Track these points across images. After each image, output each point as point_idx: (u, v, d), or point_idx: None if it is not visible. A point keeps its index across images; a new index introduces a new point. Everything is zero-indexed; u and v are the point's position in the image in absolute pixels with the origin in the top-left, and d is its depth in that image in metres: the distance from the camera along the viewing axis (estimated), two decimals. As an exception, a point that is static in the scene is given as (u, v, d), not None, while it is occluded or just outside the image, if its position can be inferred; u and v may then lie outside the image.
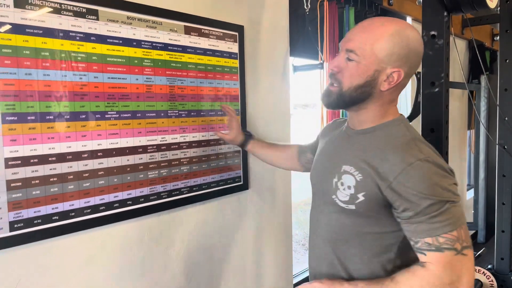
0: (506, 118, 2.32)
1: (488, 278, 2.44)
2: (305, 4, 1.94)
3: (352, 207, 1.03)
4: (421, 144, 1.01)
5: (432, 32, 1.38)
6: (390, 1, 2.70)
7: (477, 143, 3.24)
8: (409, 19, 3.01)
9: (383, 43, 0.98)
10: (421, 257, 0.96)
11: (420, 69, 1.57)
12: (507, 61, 2.32)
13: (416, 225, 0.95)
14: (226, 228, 1.70)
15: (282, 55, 1.95)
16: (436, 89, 1.38)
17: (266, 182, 1.89)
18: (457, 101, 3.59)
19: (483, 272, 2.45)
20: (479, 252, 3.04)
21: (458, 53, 2.14)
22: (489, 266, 2.53)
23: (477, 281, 2.43)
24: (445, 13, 1.35)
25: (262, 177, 1.85)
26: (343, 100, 1.05)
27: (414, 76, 2.55)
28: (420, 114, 1.43)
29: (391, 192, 0.96)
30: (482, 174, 3.05)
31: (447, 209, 0.93)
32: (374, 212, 1.02)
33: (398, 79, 1.01)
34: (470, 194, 3.85)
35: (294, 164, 1.53)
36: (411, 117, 2.32)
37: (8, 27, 1.05)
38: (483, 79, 3.03)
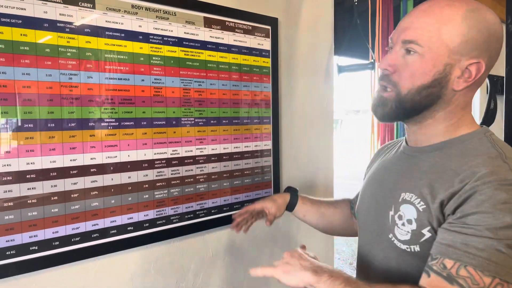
0: None
1: None
2: (353, -6, 1.65)
3: (417, 248, 0.77)
4: None
5: (521, 19, 1.04)
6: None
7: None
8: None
9: (454, 27, 0.75)
10: (422, 277, 0.71)
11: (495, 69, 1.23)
12: None
13: (448, 232, 0.69)
14: (253, 257, 1.43)
15: (324, 53, 1.66)
16: (526, 93, 1.03)
17: (302, 203, 1.60)
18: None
19: None
20: None
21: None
22: None
23: None
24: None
25: (298, 197, 1.57)
26: (403, 108, 0.80)
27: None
28: (504, 126, 1.09)
29: (454, 201, 0.71)
30: None
31: (503, 249, 0.64)
32: None
33: (478, 73, 0.77)
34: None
35: (350, 223, 1.15)
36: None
37: (-24, 15, 0.86)
38: None
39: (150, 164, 1.14)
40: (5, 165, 0.90)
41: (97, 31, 1.03)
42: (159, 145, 1.15)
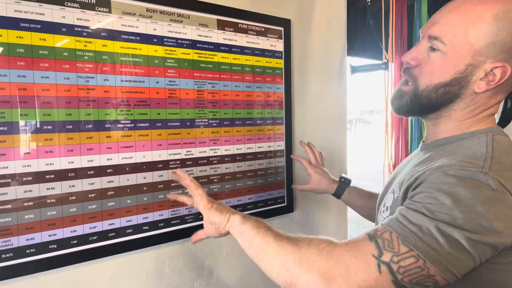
0: None
1: None
2: (366, -6, 1.65)
3: None
4: (497, 164, 0.68)
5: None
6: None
7: None
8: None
9: (483, 27, 0.72)
10: None
11: None
12: None
13: (400, 208, 0.69)
14: (266, 258, 1.44)
15: (337, 54, 1.66)
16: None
17: (315, 203, 1.60)
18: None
19: None
20: None
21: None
22: None
23: None
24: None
25: (310, 197, 1.57)
26: (418, 103, 0.80)
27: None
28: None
29: (415, 185, 0.72)
30: None
31: (444, 232, 0.62)
32: None
33: (503, 77, 0.74)
34: None
35: None
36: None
37: (-2, 21, 0.89)
38: None
39: (164, 164, 1.16)
40: (25, 166, 0.93)
41: (113, 35, 1.05)
42: (174, 146, 1.17)
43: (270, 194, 1.42)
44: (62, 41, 0.97)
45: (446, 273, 0.62)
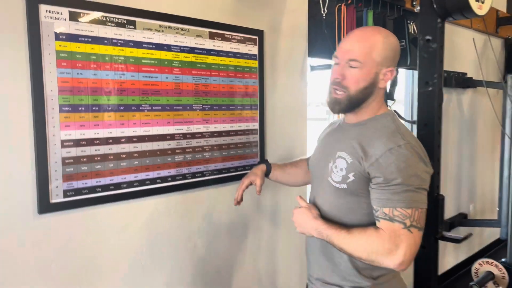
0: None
1: (500, 271, 2.50)
2: (321, 9, 2.12)
3: (344, 186, 1.20)
4: (404, 134, 1.17)
5: (427, 37, 1.52)
6: (414, 2, 2.79)
7: (502, 142, 3.26)
8: (434, 19, 3.08)
9: (379, 49, 1.17)
10: (377, 223, 1.14)
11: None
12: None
13: (381, 192, 1.12)
14: (243, 208, 1.92)
15: (300, 56, 2.14)
16: (430, 88, 1.52)
17: (282, 171, 2.08)
18: (489, 100, 3.59)
19: (496, 264, 2.52)
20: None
21: (493, 51, 2.23)
22: (503, 260, 2.60)
23: (489, 273, 2.51)
24: (438, 20, 1.49)
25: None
26: (352, 104, 1.20)
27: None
28: (417, 117, 1.58)
29: (373, 168, 1.14)
30: (506, 172, 3.08)
31: (411, 191, 1.10)
32: (363, 190, 1.18)
33: (391, 76, 1.21)
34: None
35: (308, 176, 1.58)
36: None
37: (64, 36, 1.33)
38: (510, 78, 3.04)
39: (171, 137, 1.62)
40: (94, 133, 1.38)
41: (137, 44, 1.50)
42: (178, 123, 1.63)
43: (247, 161, 1.90)
44: (105, 49, 1.42)
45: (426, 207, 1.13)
